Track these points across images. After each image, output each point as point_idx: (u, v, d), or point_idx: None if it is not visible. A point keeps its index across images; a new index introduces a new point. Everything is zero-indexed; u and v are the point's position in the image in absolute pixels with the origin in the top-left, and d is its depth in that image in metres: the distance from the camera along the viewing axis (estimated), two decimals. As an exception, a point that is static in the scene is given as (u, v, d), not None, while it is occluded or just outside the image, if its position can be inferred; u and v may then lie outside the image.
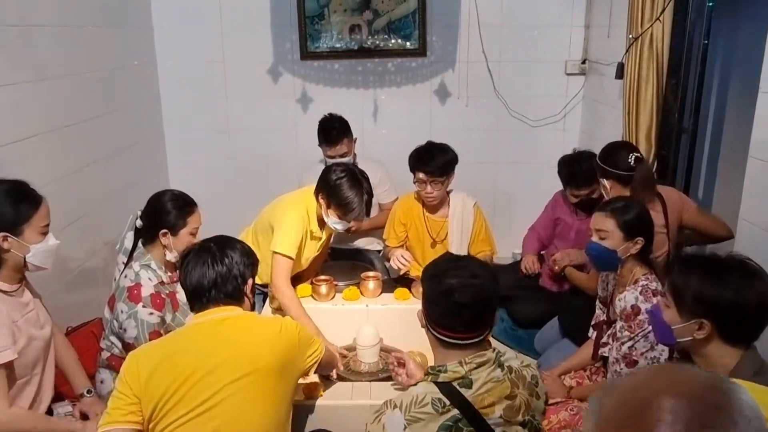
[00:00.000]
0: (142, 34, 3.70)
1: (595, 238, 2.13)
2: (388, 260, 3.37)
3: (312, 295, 2.78)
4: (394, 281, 3.10)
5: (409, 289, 2.77)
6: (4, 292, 1.83)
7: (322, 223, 2.71)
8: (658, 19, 2.69)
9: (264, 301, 2.79)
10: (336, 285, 2.84)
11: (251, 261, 1.82)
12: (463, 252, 3.11)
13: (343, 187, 2.54)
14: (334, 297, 2.77)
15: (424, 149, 2.98)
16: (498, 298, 1.59)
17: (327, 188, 2.58)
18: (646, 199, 2.38)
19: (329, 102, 3.71)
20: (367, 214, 2.67)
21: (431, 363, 1.62)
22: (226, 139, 4.00)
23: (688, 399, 0.69)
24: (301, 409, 2.01)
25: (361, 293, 2.78)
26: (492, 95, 3.91)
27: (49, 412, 1.97)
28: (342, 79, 3.89)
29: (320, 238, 2.77)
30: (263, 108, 3.93)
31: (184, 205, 2.26)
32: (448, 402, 1.47)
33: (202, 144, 3.98)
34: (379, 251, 3.64)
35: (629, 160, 2.48)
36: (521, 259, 3.36)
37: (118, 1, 3.38)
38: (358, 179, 2.58)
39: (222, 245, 1.78)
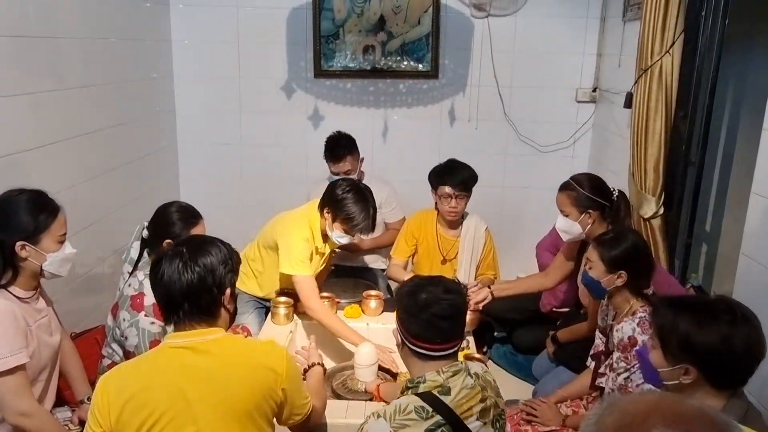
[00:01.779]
0: (160, 48, 3.77)
1: (586, 267, 2.18)
2: (391, 278, 3.40)
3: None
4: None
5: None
6: (20, 298, 1.86)
7: (325, 238, 2.74)
8: (667, 51, 2.71)
9: (266, 314, 2.81)
10: (338, 302, 2.86)
11: (230, 267, 1.61)
12: (471, 273, 3.20)
13: (348, 201, 2.58)
14: (335, 313, 2.79)
15: (448, 165, 3.09)
16: (466, 310, 1.72)
17: (333, 202, 2.61)
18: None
19: (340, 120, 3.77)
20: (372, 228, 2.69)
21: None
22: (237, 152, 4.05)
23: (685, 428, 0.70)
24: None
25: (363, 311, 2.80)
26: (502, 119, 3.94)
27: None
28: (354, 98, 3.94)
29: (324, 254, 2.80)
30: (275, 123, 3.99)
31: (189, 216, 2.30)
32: (430, 409, 1.55)
33: (214, 157, 4.04)
34: (383, 270, 3.66)
35: (613, 193, 2.56)
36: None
37: (139, 15, 3.47)
38: (364, 194, 2.62)
39: (196, 250, 1.57)
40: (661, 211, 2.84)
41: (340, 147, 3.34)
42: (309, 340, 2.26)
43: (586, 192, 2.55)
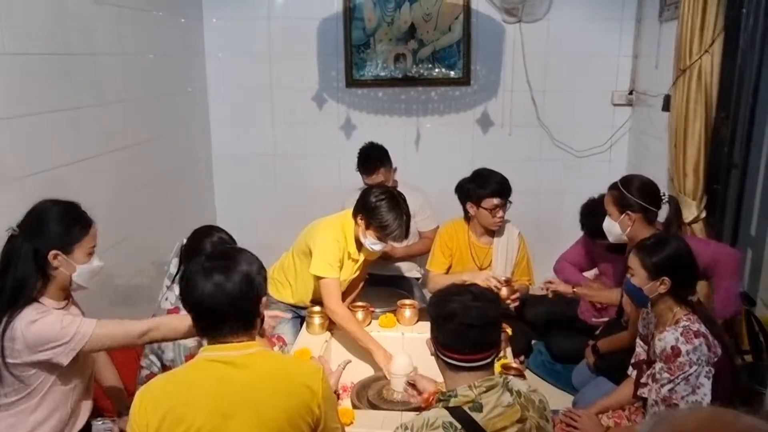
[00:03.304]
0: (194, 61, 3.84)
1: (628, 275, 2.11)
2: (429, 291, 3.36)
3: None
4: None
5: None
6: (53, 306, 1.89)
7: (359, 245, 2.73)
8: (707, 51, 2.63)
9: (301, 325, 2.81)
10: (372, 312, 2.84)
11: (264, 274, 1.60)
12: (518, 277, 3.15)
13: (382, 208, 2.57)
14: (370, 323, 2.77)
15: (488, 175, 3.02)
16: (500, 320, 1.66)
17: (366, 210, 2.60)
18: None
19: (372, 129, 3.77)
20: (406, 236, 2.68)
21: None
22: (271, 163, 4.09)
23: None
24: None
25: (398, 321, 2.78)
26: (536, 125, 3.89)
27: (88, 426, 2.02)
28: (385, 107, 3.94)
29: (357, 260, 2.79)
30: (308, 134, 4.01)
31: (215, 240, 2.28)
32: (459, 426, 1.50)
33: (248, 168, 4.09)
34: (418, 279, 3.64)
35: (662, 197, 2.48)
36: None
37: (174, 31, 3.54)
38: (398, 201, 2.62)
39: (229, 257, 1.55)
40: (703, 215, 2.75)
41: (372, 159, 3.34)
42: (341, 364, 2.22)
43: (629, 192, 2.49)
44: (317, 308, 2.70)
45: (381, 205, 2.57)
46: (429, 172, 3.91)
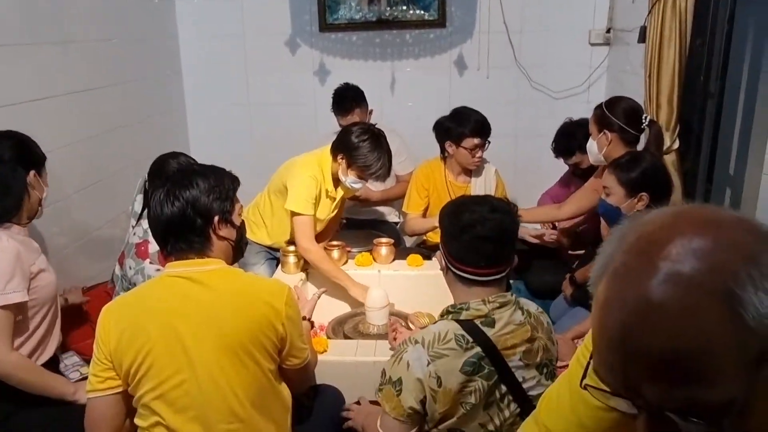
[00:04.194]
0: (163, 7, 3.72)
1: (603, 195, 2.09)
2: (406, 234, 3.34)
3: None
4: (408, 249, 3.07)
5: (422, 257, 2.74)
6: (17, 234, 1.88)
7: (337, 182, 2.69)
8: (681, -24, 2.59)
9: (277, 266, 2.78)
10: (349, 251, 2.83)
11: (218, 194, 1.56)
12: None
13: (365, 148, 2.52)
14: (346, 262, 2.75)
15: (467, 114, 2.97)
16: (516, 231, 1.58)
17: (347, 149, 2.55)
18: None
19: (347, 74, 3.69)
20: (389, 174, 2.66)
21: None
22: (245, 112, 4.01)
23: (716, 233, 0.61)
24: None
25: (374, 259, 2.76)
26: (513, 66, 3.84)
27: (55, 359, 1.99)
28: (360, 51, 3.86)
29: (335, 198, 2.75)
30: (282, 81, 3.93)
31: (176, 166, 2.26)
32: (471, 339, 1.45)
33: (222, 117, 4.01)
34: (396, 223, 3.62)
35: (643, 119, 2.44)
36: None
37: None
38: (380, 139, 2.58)
39: (178, 182, 1.54)
40: (677, 144, 2.73)
41: (347, 100, 3.28)
42: (316, 292, 2.21)
43: (611, 112, 2.48)
44: (292, 247, 2.67)
45: (363, 144, 2.52)
46: (405, 115, 3.86)
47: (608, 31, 3.72)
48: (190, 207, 1.52)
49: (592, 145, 2.54)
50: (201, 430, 1.46)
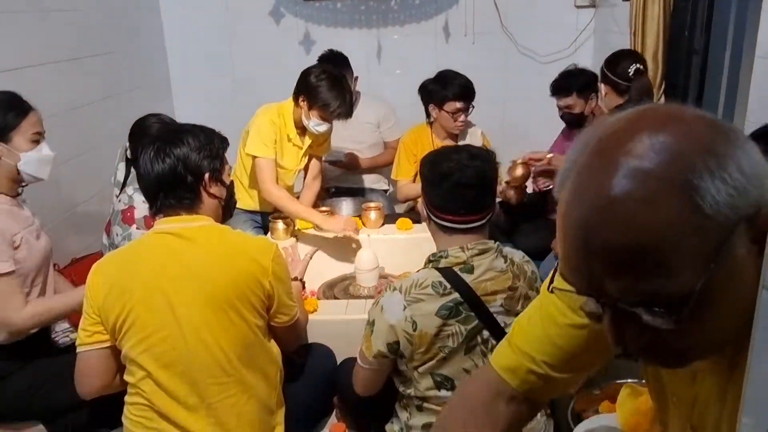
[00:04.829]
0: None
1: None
2: (398, 200, 3.34)
3: (314, 226, 2.76)
4: (397, 215, 3.08)
5: (412, 221, 2.75)
6: (3, 203, 1.85)
7: (303, 130, 2.72)
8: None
9: (264, 233, 2.78)
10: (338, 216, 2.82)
11: (207, 152, 1.57)
12: None
13: (323, 87, 2.56)
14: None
15: (451, 77, 2.96)
16: (496, 178, 1.60)
17: (307, 90, 2.58)
18: None
19: (333, 43, 3.63)
20: (350, 114, 2.65)
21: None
22: (230, 84, 3.98)
23: (677, 128, 0.61)
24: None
25: (363, 224, 2.76)
26: (499, 32, 3.82)
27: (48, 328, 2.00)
28: (345, 20, 3.83)
29: (301, 147, 2.77)
30: (267, 52, 3.88)
31: (155, 126, 2.25)
32: (449, 285, 1.48)
33: (208, 90, 3.97)
34: (386, 191, 3.62)
35: (629, 70, 2.48)
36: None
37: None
38: (339, 79, 2.61)
39: (167, 139, 1.55)
40: (662, 101, 2.74)
41: (332, 65, 3.25)
42: (308, 252, 2.22)
43: (605, 66, 2.63)
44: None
45: (322, 84, 2.55)
46: (392, 83, 3.84)
47: (594, -8, 3.70)
48: (180, 164, 1.53)
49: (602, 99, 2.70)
50: (188, 384, 1.47)
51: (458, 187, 1.50)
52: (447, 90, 2.93)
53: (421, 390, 1.57)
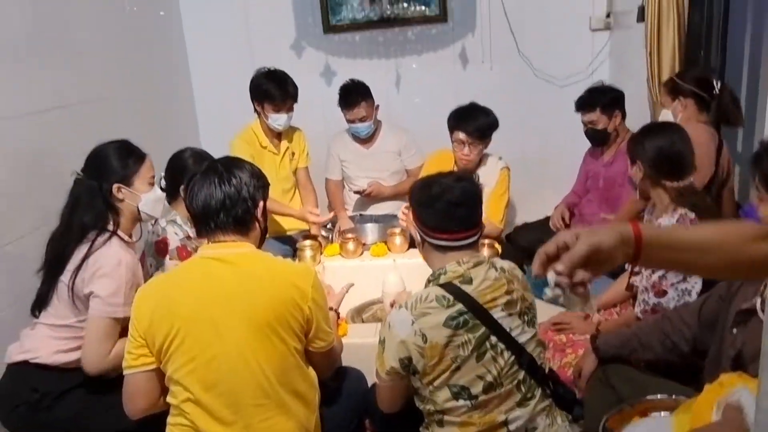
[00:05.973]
0: (170, 15, 3.82)
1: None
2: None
3: (340, 253, 2.82)
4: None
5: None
6: (126, 242, 1.98)
7: (278, 136, 3.08)
8: (676, -47, 2.63)
9: (294, 256, 2.83)
10: (364, 244, 2.88)
11: (261, 183, 1.70)
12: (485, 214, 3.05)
13: (263, 79, 2.97)
14: (362, 254, 2.81)
15: (466, 109, 2.94)
16: (481, 195, 1.72)
17: (253, 90, 3.01)
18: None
19: (353, 74, 3.71)
20: (294, 98, 3.05)
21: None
22: (254, 115, 4.06)
23: None
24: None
25: (389, 249, 2.81)
26: (516, 57, 3.87)
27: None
28: (364, 51, 3.93)
29: (277, 153, 3.09)
30: (289, 84, 3.98)
31: (203, 159, 2.33)
32: (452, 297, 1.57)
33: (232, 122, 4.05)
34: (408, 217, 3.65)
35: (714, 85, 2.50)
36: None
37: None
38: (277, 71, 3.01)
39: (229, 165, 1.66)
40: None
41: (353, 93, 3.34)
42: (345, 286, 2.25)
43: (680, 79, 2.57)
44: (308, 242, 2.74)
45: (260, 79, 3.00)
46: (412, 112, 3.92)
47: (608, 15, 3.75)
48: (244, 187, 1.63)
49: (665, 115, 2.61)
50: (229, 406, 1.52)
51: (450, 206, 1.63)
52: (456, 121, 2.92)
53: (439, 403, 1.63)
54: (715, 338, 1.56)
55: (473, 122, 2.88)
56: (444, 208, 1.63)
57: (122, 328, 1.89)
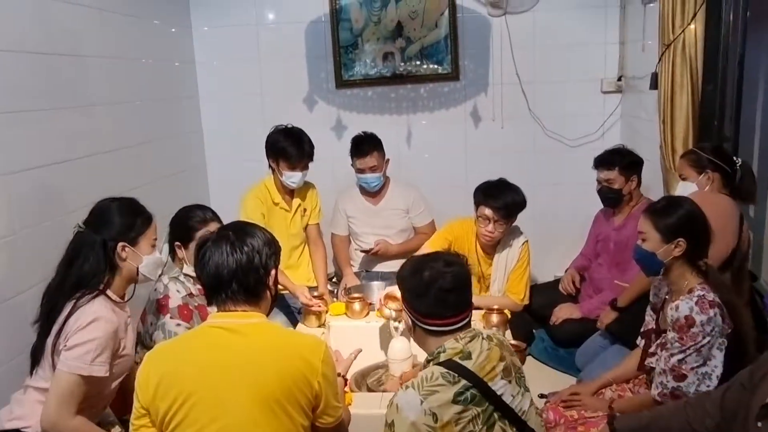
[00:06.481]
0: (185, 68, 3.86)
1: (639, 241, 2.05)
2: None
3: (346, 313, 2.76)
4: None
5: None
6: (115, 302, 1.92)
7: (290, 193, 3.05)
8: (689, 23, 2.64)
9: (291, 314, 2.79)
10: (370, 304, 2.82)
11: (273, 250, 1.65)
12: (503, 290, 2.99)
13: (280, 134, 2.98)
14: (367, 314, 2.75)
15: (495, 185, 2.87)
16: (470, 278, 1.69)
17: (268, 147, 3.02)
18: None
19: (364, 129, 3.74)
20: (310, 158, 3.05)
21: None
22: (264, 168, 4.06)
23: None
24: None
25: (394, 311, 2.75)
26: (527, 116, 3.89)
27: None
28: (376, 106, 3.95)
29: (288, 210, 3.05)
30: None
31: (196, 218, 2.31)
32: (456, 374, 1.54)
33: (242, 173, 4.04)
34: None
35: (736, 161, 2.48)
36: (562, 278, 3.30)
37: (164, 38, 3.58)
38: (293, 130, 3.02)
39: (241, 232, 1.61)
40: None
41: (365, 143, 3.34)
42: (353, 352, 2.20)
43: (706, 153, 2.51)
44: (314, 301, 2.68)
45: (278, 135, 3.00)
46: (422, 168, 3.92)
47: (619, 79, 3.78)
48: (257, 255, 1.58)
49: (689, 187, 2.51)
50: None
51: (441, 293, 1.59)
52: (485, 195, 2.81)
53: None
54: (738, 429, 1.48)
55: (501, 199, 2.79)
56: (437, 295, 1.60)
57: (91, 397, 1.82)
